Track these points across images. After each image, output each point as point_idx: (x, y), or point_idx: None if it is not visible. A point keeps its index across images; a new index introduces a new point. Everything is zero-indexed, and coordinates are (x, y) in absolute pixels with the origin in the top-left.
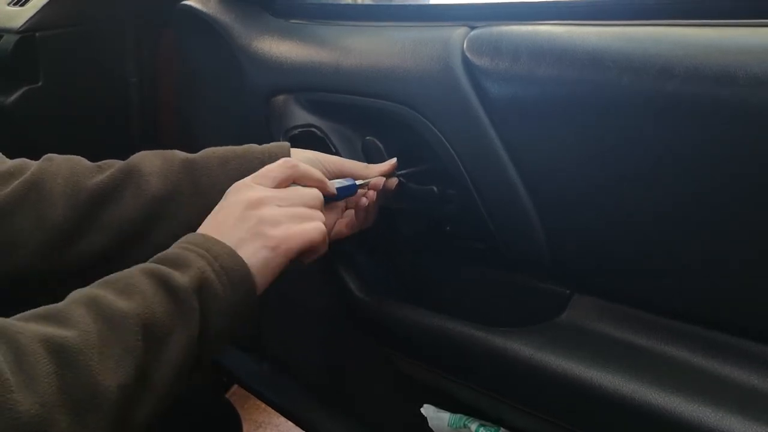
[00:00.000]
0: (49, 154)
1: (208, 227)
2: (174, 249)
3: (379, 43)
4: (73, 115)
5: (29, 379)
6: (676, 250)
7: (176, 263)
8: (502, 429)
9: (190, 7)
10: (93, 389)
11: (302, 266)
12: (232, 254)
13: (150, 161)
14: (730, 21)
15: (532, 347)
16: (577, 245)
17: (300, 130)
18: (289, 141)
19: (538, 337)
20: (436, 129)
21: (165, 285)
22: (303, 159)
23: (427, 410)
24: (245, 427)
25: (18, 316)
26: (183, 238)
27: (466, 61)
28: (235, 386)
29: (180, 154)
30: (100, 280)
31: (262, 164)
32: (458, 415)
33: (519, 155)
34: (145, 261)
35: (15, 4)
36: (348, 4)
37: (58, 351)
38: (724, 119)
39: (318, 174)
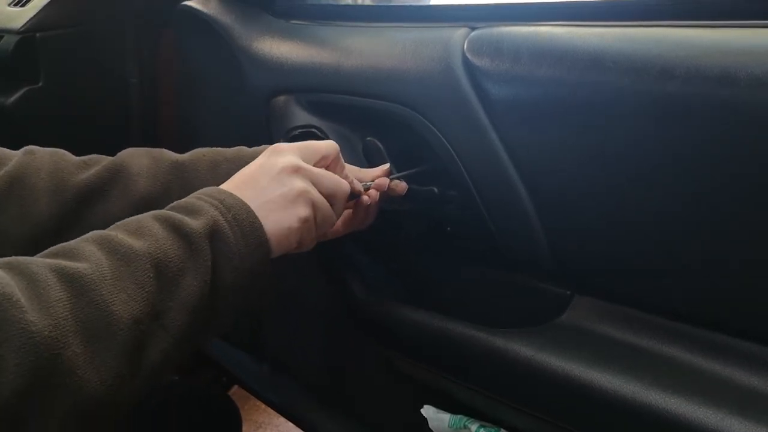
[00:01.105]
0: (31, 146)
1: (241, 179)
2: (188, 198)
3: (379, 43)
4: (73, 115)
5: (42, 302)
6: (676, 250)
7: (188, 210)
8: (502, 430)
9: (190, 8)
10: (107, 318)
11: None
12: (246, 208)
13: (138, 160)
14: (731, 22)
15: (532, 348)
16: (577, 246)
17: (300, 130)
18: (289, 141)
19: (538, 338)
20: (436, 130)
21: (176, 229)
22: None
23: (428, 411)
24: (245, 427)
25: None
26: (198, 191)
27: (466, 62)
28: (235, 386)
29: (169, 155)
30: (111, 226)
31: None
32: (458, 416)
33: (519, 156)
34: None
35: (15, 5)
36: (348, 5)
37: (70, 280)
38: (725, 120)
39: (355, 170)
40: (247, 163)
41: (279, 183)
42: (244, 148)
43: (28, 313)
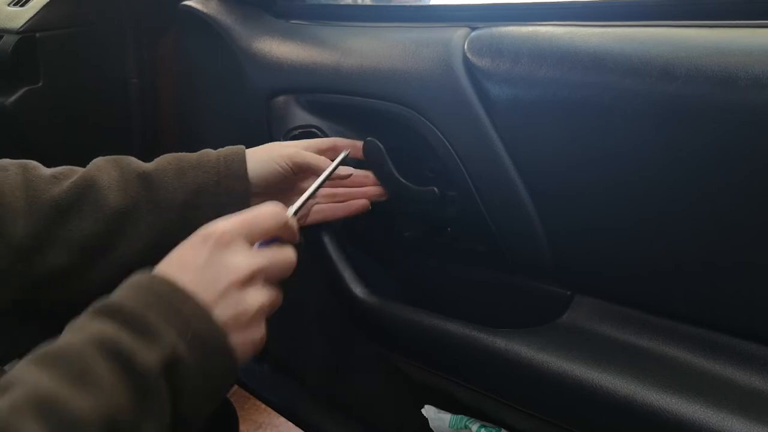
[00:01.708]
0: (2, 160)
1: (176, 267)
2: (135, 303)
3: (379, 44)
4: (73, 115)
5: None
6: (677, 251)
7: (140, 329)
8: (503, 430)
9: (190, 8)
10: None
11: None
12: (207, 317)
13: (107, 173)
14: (732, 22)
15: (533, 348)
16: (578, 247)
17: (300, 131)
18: (289, 141)
19: (539, 339)
20: (437, 130)
21: (128, 370)
22: (260, 160)
23: (428, 411)
24: (245, 427)
25: None
26: (146, 284)
27: (467, 62)
28: (235, 386)
29: (136, 165)
30: (44, 354)
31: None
32: (459, 416)
33: (520, 156)
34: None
35: (15, 5)
36: (348, 5)
37: None
38: (726, 121)
39: (295, 229)
40: (212, 170)
41: (235, 298)
42: (209, 151)
43: None
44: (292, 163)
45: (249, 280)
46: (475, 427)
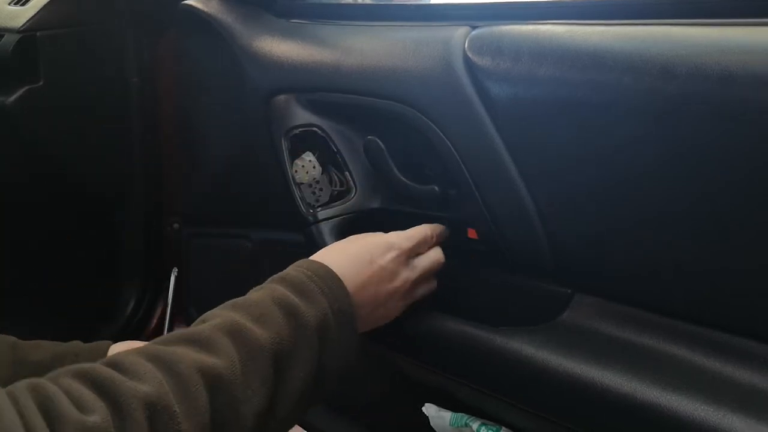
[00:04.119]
0: None
1: (352, 260)
2: (301, 275)
3: (380, 42)
4: (73, 115)
5: (192, 409)
6: (677, 249)
7: (303, 293)
8: (503, 428)
9: (191, 7)
10: (236, 416)
11: None
12: (349, 300)
13: None
14: (732, 20)
15: (533, 347)
16: (578, 245)
17: (301, 129)
18: (290, 140)
19: (539, 337)
20: (437, 129)
21: (294, 319)
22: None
23: (429, 409)
24: None
25: (162, 338)
26: (308, 263)
27: (467, 61)
28: None
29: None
30: (234, 303)
31: None
32: (460, 414)
33: (520, 155)
34: None
35: (16, 4)
36: (349, 4)
37: (212, 381)
38: (726, 119)
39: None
40: None
41: (388, 274)
42: (78, 344)
43: (182, 423)
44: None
45: (401, 262)
46: (475, 425)
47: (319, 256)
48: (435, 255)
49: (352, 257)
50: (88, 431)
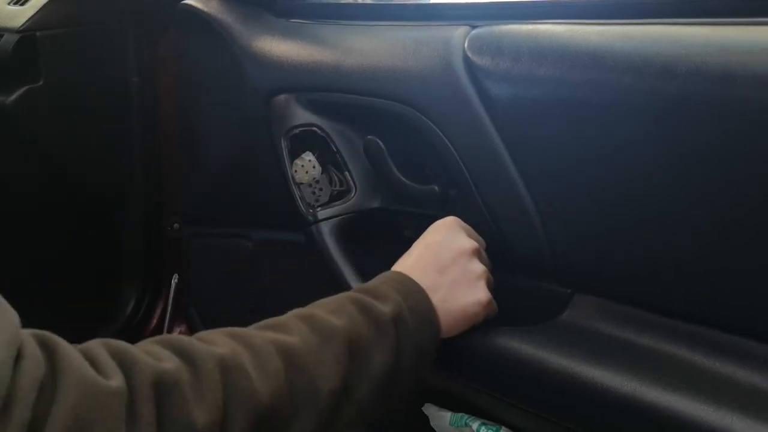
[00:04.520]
0: None
1: (422, 260)
2: (374, 283)
3: (380, 42)
4: (73, 114)
5: (264, 372)
6: (677, 249)
7: (376, 295)
8: (503, 428)
9: (190, 7)
10: (310, 388)
11: None
12: (425, 297)
13: None
14: (732, 20)
15: (533, 346)
16: (578, 245)
17: (301, 129)
18: (290, 140)
19: (539, 337)
20: (437, 128)
21: (368, 311)
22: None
23: (429, 409)
24: None
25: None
26: (381, 276)
27: (467, 61)
28: None
29: None
30: (312, 303)
31: None
32: (460, 414)
33: (520, 155)
34: None
35: (15, 4)
36: (349, 4)
37: (285, 351)
38: (726, 119)
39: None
40: None
41: (460, 267)
42: None
43: (255, 383)
44: None
45: (471, 254)
46: (475, 425)
47: (397, 266)
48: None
49: (425, 257)
50: (162, 374)
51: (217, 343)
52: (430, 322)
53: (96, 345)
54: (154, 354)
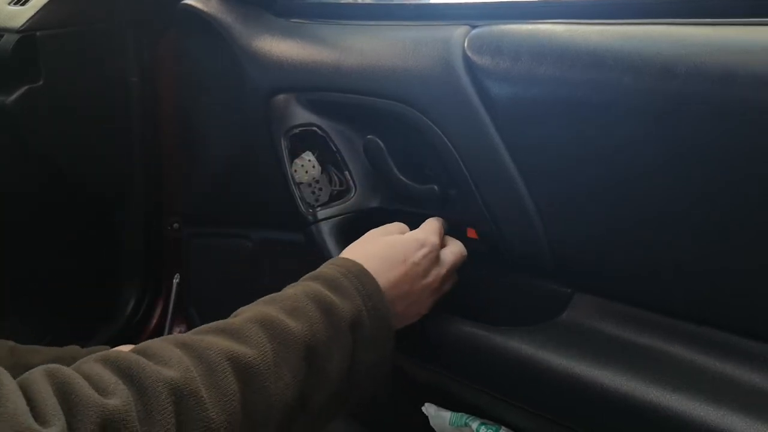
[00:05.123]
0: None
1: (380, 256)
2: (334, 272)
3: (380, 42)
4: (73, 114)
5: (220, 395)
6: (677, 249)
7: (337, 289)
8: (503, 428)
9: (190, 7)
10: (266, 405)
11: None
12: (382, 296)
13: None
14: (732, 20)
15: (533, 346)
16: (578, 244)
17: (301, 129)
18: (289, 140)
19: (539, 336)
20: (437, 128)
21: (328, 314)
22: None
23: (428, 409)
24: None
25: (195, 330)
26: (341, 261)
27: (467, 60)
28: None
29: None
30: (267, 298)
31: None
32: (459, 414)
33: (520, 154)
34: None
35: (15, 4)
36: (349, 4)
37: (242, 370)
38: (726, 119)
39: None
40: None
41: (421, 271)
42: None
43: (209, 409)
44: None
45: (432, 258)
46: (475, 424)
47: (350, 254)
48: (458, 249)
49: (384, 256)
50: (108, 415)
51: (168, 360)
52: (387, 326)
53: (40, 377)
54: (100, 384)
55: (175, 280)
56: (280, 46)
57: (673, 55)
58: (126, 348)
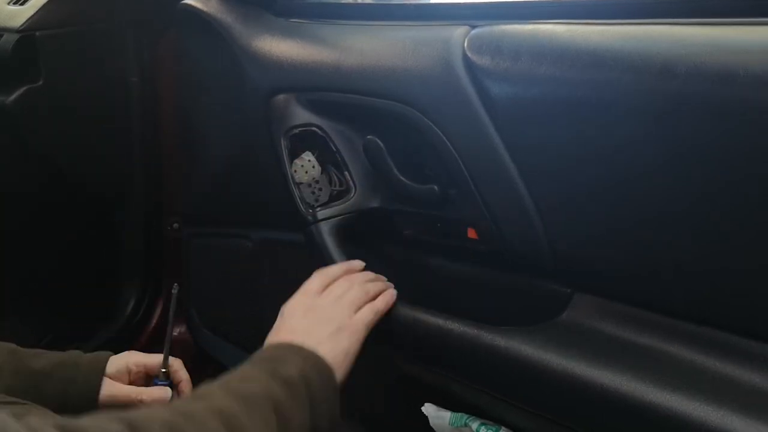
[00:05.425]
0: None
1: (290, 329)
2: (265, 353)
3: (379, 42)
4: (73, 114)
5: None
6: (677, 249)
7: (276, 359)
8: (503, 428)
9: (190, 7)
10: None
11: None
12: (315, 354)
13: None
14: (732, 20)
15: (533, 346)
16: (578, 244)
17: (300, 129)
18: (289, 140)
19: (539, 336)
20: (437, 128)
21: (275, 375)
22: (116, 366)
23: (428, 409)
24: None
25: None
26: (268, 346)
27: (467, 61)
28: None
29: (29, 362)
30: (233, 382)
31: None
32: (459, 414)
33: (520, 155)
34: None
35: (15, 3)
36: (349, 4)
37: (229, 426)
38: (726, 119)
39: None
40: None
41: (327, 311)
42: (76, 353)
43: None
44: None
45: (337, 329)
46: (475, 425)
47: (278, 337)
48: (379, 305)
49: (300, 328)
50: None
51: None
52: (329, 377)
53: None
54: None
55: (174, 291)
56: (280, 46)
57: (673, 55)
58: (129, 356)
